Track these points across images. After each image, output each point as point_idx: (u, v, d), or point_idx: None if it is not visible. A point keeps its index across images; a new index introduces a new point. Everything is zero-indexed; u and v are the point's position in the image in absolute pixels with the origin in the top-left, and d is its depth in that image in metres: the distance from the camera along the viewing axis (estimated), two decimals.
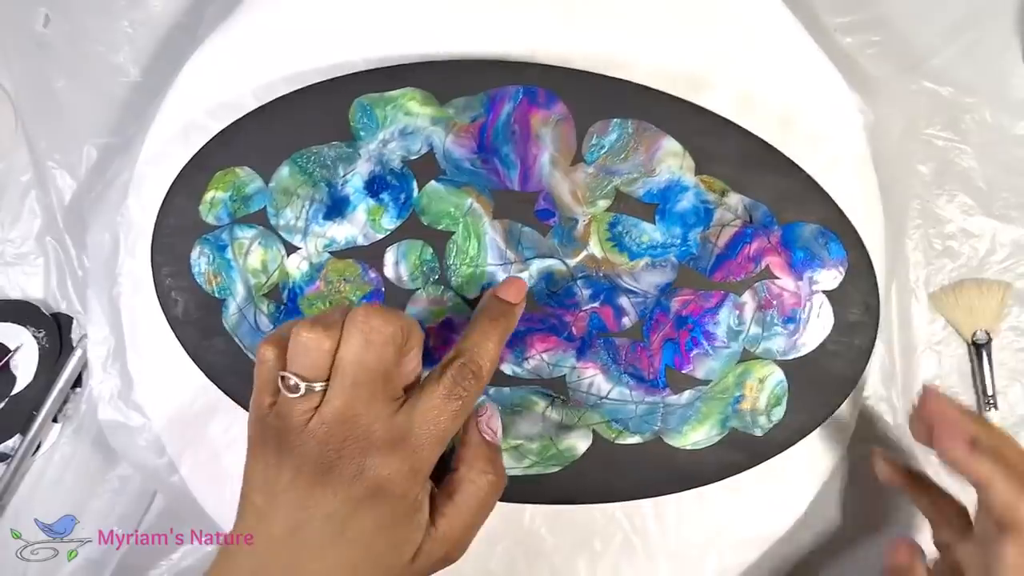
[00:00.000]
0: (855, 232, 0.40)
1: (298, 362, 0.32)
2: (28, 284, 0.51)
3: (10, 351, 0.50)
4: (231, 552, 0.32)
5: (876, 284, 0.40)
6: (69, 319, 0.51)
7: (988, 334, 0.45)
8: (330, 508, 0.31)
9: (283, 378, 0.32)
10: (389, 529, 0.32)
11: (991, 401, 0.45)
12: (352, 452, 0.31)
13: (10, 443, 0.50)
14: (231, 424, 0.43)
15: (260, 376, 0.33)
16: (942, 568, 0.37)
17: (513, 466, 0.40)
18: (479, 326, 0.35)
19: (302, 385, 0.32)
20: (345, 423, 0.31)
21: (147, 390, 0.44)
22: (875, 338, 0.40)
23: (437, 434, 0.33)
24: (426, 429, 0.32)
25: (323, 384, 0.32)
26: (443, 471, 0.35)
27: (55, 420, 0.50)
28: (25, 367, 0.50)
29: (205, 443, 0.43)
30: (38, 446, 0.50)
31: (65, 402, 0.50)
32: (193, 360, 0.42)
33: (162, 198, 0.42)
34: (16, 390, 0.50)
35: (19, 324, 0.50)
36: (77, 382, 0.51)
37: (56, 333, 0.50)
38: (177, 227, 0.42)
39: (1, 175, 0.52)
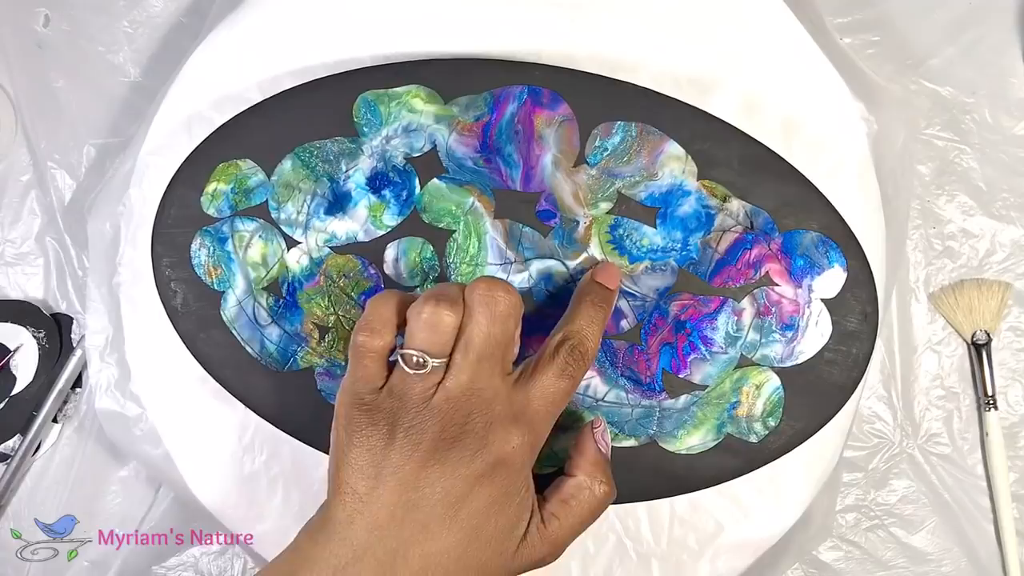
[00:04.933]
0: (856, 241, 0.40)
1: (421, 338, 0.32)
2: (28, 284, 0.51)
3: (10, 351, 0.50)
4: (318, 540, 0.31)
5: (875, 294, 0.40)
6: (69, 319, 0.51)
7: (988, 334, 0.46)
8: (447, 486, 0.31)
9: (406, 355, 0.32)
10: (502, 507, 0.32)
11: (991, 401, 0.45)
12: (476, 427, 0.32)
13: (10, 443, 0.50)
14: (227, 416, 0.43)
15: (363, 359, 0.33)
16: None
17: None
18: (585, 311, 0.36)
19: (429, 361, 0.32)
20: (471, 398, 0.32)
21: (144, 380, 0.44)
22: (873, 348, 0.40)
23: (551, 410, 0.34)
24: (542, 405, 0.33)
25: (445, 360, 0.32)
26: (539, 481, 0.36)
27: (55, 420, 0.50)
28: (25, 367, 0.50)
29: (201, 435, 0.43)
30: (38, 446, 0.50)
31: (65, 402, 0.50)
32: (190, 352, 0.42)
33: (164, 189, 0.42)
34: (16, 390, 0.50)
35: (19, 324, 0.50)
36: (77, 382, 0.51)
37: (56, 333, 0.50)
38: (178, 218, 0.42)
39: (1, 175, 0.52)
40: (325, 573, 0.30)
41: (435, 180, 0.41)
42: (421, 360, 0.32)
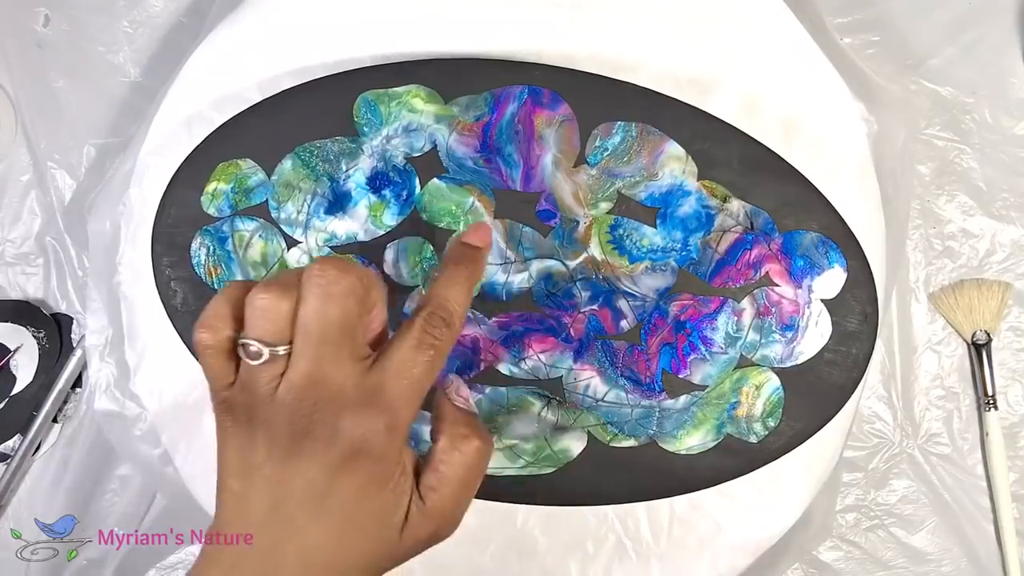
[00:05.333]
0: (856, 242, 0.40)
1: (257, 327, 0.30)
2: (28, 284, 0.51)
3: (10, 351, 0.50)
4: (211, 541, 0.31)
5: (875, 295, 0.40)
6: (69, 319, 0.51)
7: (988, 334, 0.46)
8: (308, 479, 0.30)
9: (243, 346, 0.30)
10: (372, 496, 0.30)
11: (991, 401, 0.45)
12: (324, 415, 0.30)
13: (10, 443, 0.50)
14: None
15: (204, 357, 0.31)
16: None
17: (507, 466, 0.40)
18: (445, 272, 0.34)
19: (265, 351, 0.30)
20: (315, 385, 0.30)
21: (144, 380, 0.44)
22: (873, 348, 0.40)
23: (412, 388, 0.31)
24: (399, 384, 0.31)
25: (286, 348, 0.30)
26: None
27: (55, 420, 0.50)
28: (25, 367, 0.50)
29: (200, 434, 0.43)
30: (38, 446, 0.50)
31: (65, 402, 0.50)
32: (191, 352, 0.42)
33: (164, 189, 0.42)
34: (16, 390, 0.50)
35: (19, 324, 0.50)
36: (77, 382, 0.51)
37: (56, 333, 0.50)
38: (178, 218, 0.42)
39: (1, 175, 0.52)
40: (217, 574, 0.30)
41: (435, 180, 0.41)
42: (258, 350, 0.30)
